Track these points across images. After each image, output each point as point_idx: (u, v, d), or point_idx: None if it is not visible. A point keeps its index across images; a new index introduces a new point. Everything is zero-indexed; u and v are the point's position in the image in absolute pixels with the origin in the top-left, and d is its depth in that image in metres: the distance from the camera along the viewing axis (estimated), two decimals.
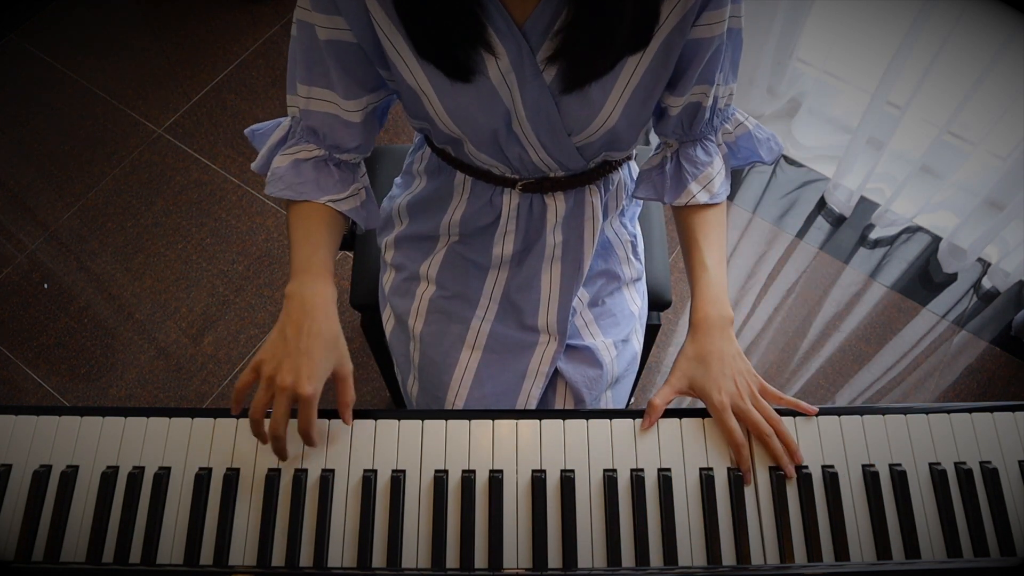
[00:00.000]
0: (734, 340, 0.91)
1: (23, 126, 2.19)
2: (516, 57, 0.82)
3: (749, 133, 1.00)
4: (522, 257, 1.07)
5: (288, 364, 0.82)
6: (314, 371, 0.82)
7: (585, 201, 1.05)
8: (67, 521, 0.82)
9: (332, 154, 0.95)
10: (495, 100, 0.86)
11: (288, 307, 0.86)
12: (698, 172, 0.98)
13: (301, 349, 0.82)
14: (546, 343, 1.05)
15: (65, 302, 1.93)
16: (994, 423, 0.87)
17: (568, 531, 0.81)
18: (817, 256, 2.01)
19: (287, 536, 0.81)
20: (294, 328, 0.84)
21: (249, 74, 2.27)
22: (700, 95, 0.91)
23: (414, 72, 0.85)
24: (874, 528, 0.82)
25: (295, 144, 0.95)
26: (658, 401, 0.87)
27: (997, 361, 1.87)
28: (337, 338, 0.86)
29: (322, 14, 0.83)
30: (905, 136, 1.95)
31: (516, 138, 0.92)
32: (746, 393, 0.87)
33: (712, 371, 0.88)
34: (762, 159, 1.01)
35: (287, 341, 0.83)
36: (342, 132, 0.92)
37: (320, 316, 0.85)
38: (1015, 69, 1.66)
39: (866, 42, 2.11)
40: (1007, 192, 1.86)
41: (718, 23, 0.84)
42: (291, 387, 0.81)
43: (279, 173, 0.94)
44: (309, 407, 0.81)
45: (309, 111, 0.91)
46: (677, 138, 0.98)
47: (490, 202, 1.05)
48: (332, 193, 0.95)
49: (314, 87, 0.89)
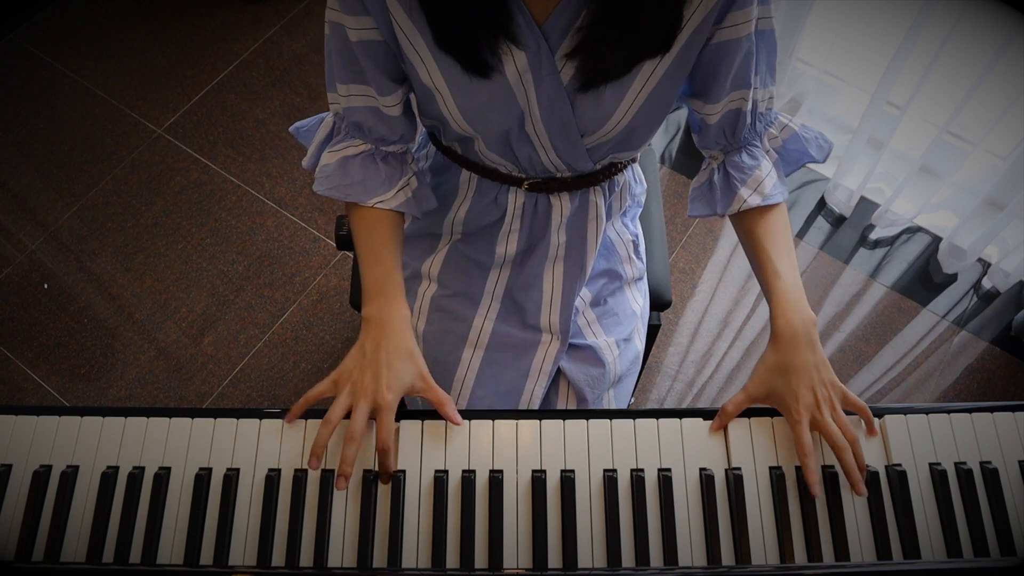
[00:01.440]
0: (818, 347, 0.88)
1: (23, 126, 2.19)
2: (534, 55, 0.82)
3: (796, 134, 0.98)
4: (525, 256, 1.07)
5: (369, 374, 0.85)
6: (393, 381, 0.85)
7: (590, 202, 1.05)
8: (67, 521, 0.82)
9: (379, 147, 0.95)
10: (510, 99, 0.87)
11: (367, 328, 0.89)
12: (746, 177, 0.96)
13: (380, 361, 0.86)
14: (548, 342, 1.05)
15: (65, 302, 1.93)
16: (994, 423, 0.87)
17: (568, 531, 0.81)
18: (817, 256, 2.01)
19: (287, 536, 0.81)
20: (373, 344, 0.87)
21: (249, 74, 2.27)
22: (739, 100, 0.90)
23: (430, 69, 0.85)
24: (874, 528, 0.82)
25: (341, 140, 0.96)
26: (731, 408, 0.86)
27: (997, 361, 1.87)
28: (413, 351, 0.89)
29: (351, 15, 0.83)
30: (905, 136, 1.95)
31: (528, 138, 0.92)
32: (826, 405, 0.85)
33: (792, 383, 0.86)
34: (814, 158, 0.99)
35: (366, 355, 0.87)
36: (385, 126, 0.93)
37: (397, 333, 0.89)
38: (1015, 69, 1.66)
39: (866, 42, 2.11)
40: (1007, 192, 1.86)
41: (744, 23, 0.83)
42: (372, 394, 0.84)
43: (327, 171, 0.95)
44: (388, 414, 0.83)
45: (351, 108, 0.92)
46: (721, 148, 0.96)
47: (495, 200, 1.05)
48: (379, 194, 0.95)
49: (352, 84, 0.90)
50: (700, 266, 1.99)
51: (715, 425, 0.87)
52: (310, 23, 2.35)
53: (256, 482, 0.84)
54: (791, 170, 1.01)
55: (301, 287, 1.94)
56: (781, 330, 0.89)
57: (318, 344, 1.87)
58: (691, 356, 1.88)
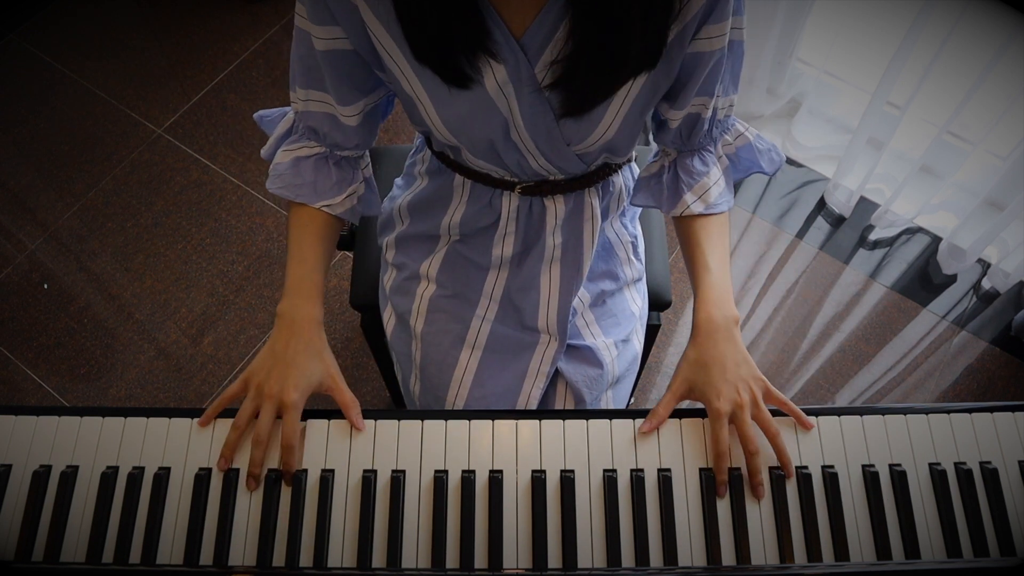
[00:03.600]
0: (738, 342, 0.89)
1: (23, 126, 2.19)
2: (514, 69, 0.82)
3: (750, 144, 0.99)
4: (522, 258, 1.07)
5: (276, 374, 0.86)
6: (300, 380, 0.87)
7: (584, 203, 1.05)
8: (67, 521, 0.82)
9: (333, 151, 0.96)
10: (492, 110, 0.86)
11: (279, 325, 0.91)
12: (694, 182, 0.97)
13: (288, 360, 0.87)
14: (546, 343, 1.05)
15: (65, 302, 1.93)
16: (994, 423, 0.87)
17: (568, 531, 0.81)
18: (817, 256, 2.01)
19: (287, 536, 0.81)
20: (282, 343, 0.89)
21: (249, 74, 2.27)
22: (700, 106, 0.91)
23: (410, 80, 0.85)
24: (874, 528, 0.82)
25: (297, 140, 0.97)
26: (662, 410, 0.87)
27: (997, 361, 1.88)
28: (322, 351, 0.91)
29: (319, 25, 0.83)
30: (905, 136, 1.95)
31: (514, 146, 0.92)
32: (747, 402, 0.86)
33: (713, 377, 0.87)
34: (763, 170, 1.01)
35: (275, 354, 0.88)
36: (340, 133, 0.94)
37: (307, 333, 0.90)
38: (1015, 69, 1.66)
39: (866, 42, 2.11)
40: (1007, 192, 1.86)
41: (719, 37, 0.83)
42: (277, 395, 0.85)
43: (280, 170, 0.97)
44: (294, 412, 0.85)
45: (308, 112, 0.93)
46: (676, 147, 0.98)
47: (489, 204, 1.05)
48: (328, 198, 0.97)
49: (311, 90, 0.91)
50: None
51: (645, 427, 0.86)
52: None
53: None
54: (740, 177, 1.02)
55: None
56: (700, 324, 0.90)
57: None
58: None
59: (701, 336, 0.90)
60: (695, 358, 0.89)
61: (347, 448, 0.86)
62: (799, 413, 0.87)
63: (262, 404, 0.85)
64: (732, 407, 0.85)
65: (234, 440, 0.84)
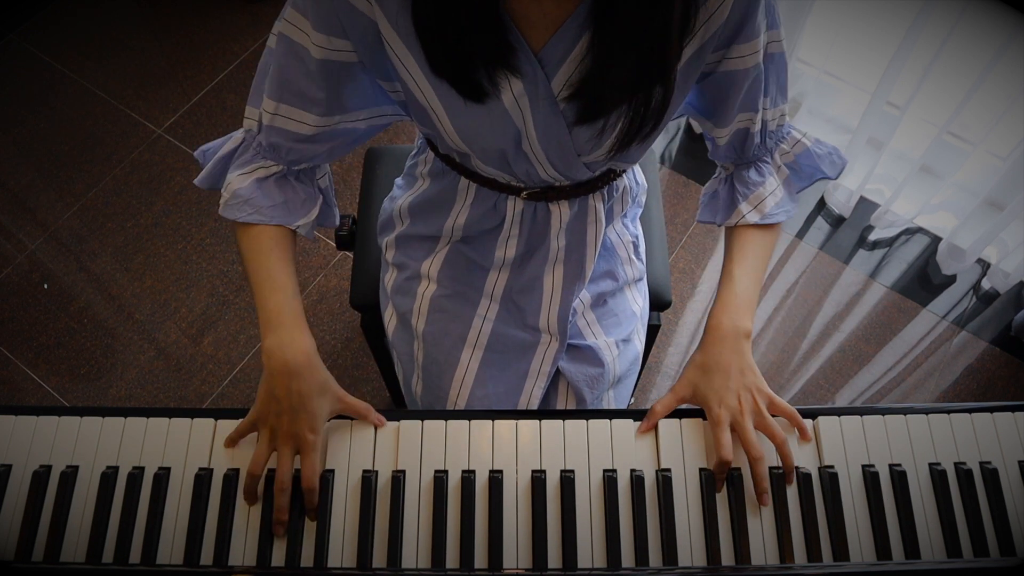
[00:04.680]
0: (746, 353, 0.90)
1: (23, 126, 2.19)
2: (531, 83, 0.82)
3: (808, 150, 0.99)
4: (524, 260, 1.07)
5: (287, 419, 0.84)
6: (313, 422, 0.84)
7: (589, 207, 1.05)
8: (67, 521, 0.82)
9: (291, 167, 0.93)
10: (506, 122, 0.86)
11: (270, 366, 0.86)
12: (749, 192, 0.98)
13: (295, 406, 0.84)
14: (547, 343, 1.05)
15: (65, 302, 1.93)
16: (994, 423, 0.87)
17: (568, 531, 0.81)
18: (817, 256, 2.01)
19: (287, 536, 0.81)
20: (283, 390, 0.84)
21: (249, 74, 2.27)
22: (746, 122, 0.92)
23: (424, 90, 0.84)
24: (874, 528, 0.82)
25: (250, 161, 0.92)
26: (659, 408, 0.87)
27: (997, 361, 1.88)
28: (325, 384, 0.86)
29: (323, 35, 0.81)
30: (905, 136, 1.95)
31: (525, 156, 0.92)
32: (748, 409, 0.86)
33: (715, 382, 0.87)
34: (826, 175, 1.00)
35: (279, 401, 0.84)
36: (305, 149, 0.90)
37: (305, 372, 0.85)
38: (1015, 69, 1.66)
39: (866, 42, 2.11)
40: (1007, 192, 1.86)
41: (751, 55, 0.84)
42: (293, 438, 0.83)
43: (243, 195, 0.91)
44: (313, 453, 0.83)
45: (273, 127, 0.88)
46: (731, 161, 0.99)
47: (494, 207, 1.05)
48: (301, 216, 0.93)
49: (283, 104, 0.86)
50: (700, 266, 1.99)
51: (644, 426, 0.87)
52: None
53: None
54: (804, 185, 1.02)
55: (301, 287, 1.94)
56: (711, 329, 0.92)
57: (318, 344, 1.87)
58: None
59: (709, 342, 0.91)
60: (701, 362, 0.90)
61: (347, 448, 0.86)
62: (801, 424, 0.87)
63: (279, 449, 0.83)
64: (732, 414, 0.86)
65: (252, 486, 0.83)
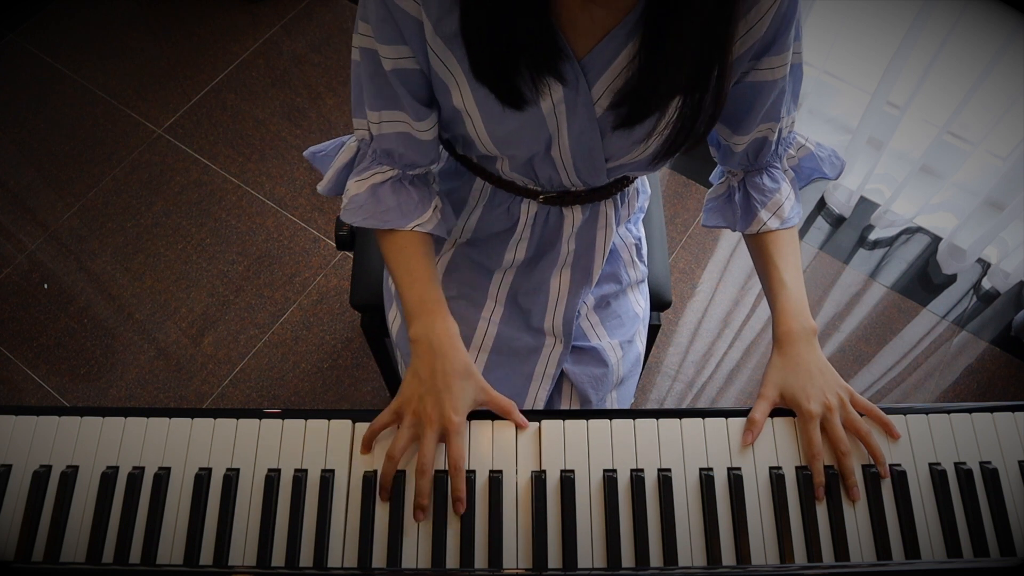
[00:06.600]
0: (819, 351, 0.91)
1: (23, 126, 2.19)
2: (572, 89, 0.82)
3: (811, 153, 1.01)
4: (533, 262, 1.08)
5: (431, 400, 0.84)
6: (457, 403, 0.84)
7: (600, 212, 1.06)
8: (67, 521, 0.81)
9: (406, 171, 0.94)
10: (541, 128, 0.86)
11: (417, 351, 0.88)
12: (767, 199, 0.99)
13: (439, 387, 0.85)
14: (552, 346, 1.05)
15: (65, 302, 1.93)
16: (994, 423, 0.87)
17: (568, 531, 0.81)
18: (817, 256, 2.01)
19: (287, 536, 0.81)
20: (427, 370, 0.86)
21: (249, 74, 2.27)
22: (766, 131, 0.93)
23: (464, 94, 0.84)
24: (874, 528, 0.82)
25: (367, 168, 0.94)
26: (758, 416, 0.87)
27: (997, 361, 1.88)
28: (469, 367, 0.87)
29: (388, 45, 0.81)
30: (905, 136, 1.95)
31: (552, 161, 0.93)
32: (836, 405, 0.87)
33: (802, 381, 0.88)
34: (826, 175, 1.02)
35: (423, 382, 0.85)
36: (417, 151, 0.92)
37: (450, 353, 0.87)
38: (1015, 69, 1.67)
39: (866, 42, 2.11)
40: (1007, 192, 1.86)
41: (780, 67, 0.85)
42: (439, 420, 0.83)
43: (358, 201, 0.94)
44: (459, 436, 0.83)
45: (382, 134, 0.90)
46: (743, 168, 0.99)
47: (507, 210, 1.05)
48: (415, 217, 0.94)
49: (385, 111, 0.88)
50: (700, 266, 1.99)
51: (748, 438, 0.86)
52: (310, 23, 2.36)
53: (256, 482, 0.84)
54: (802, 185, 1.04)
55: (301, 287, 1.94)
56: (782, 337, 0.92)
57: (318, 344, 1.87)
58: (691, 356, 1.88)
59: (784, 347, 0.91)
60: (782, 365, 0.90)
61: (348, 448, 0.86)
62: (887, 421, 0.87)
63: (423, 432, 0.83)
64: (823, 410, 0.86)
65: (390, 471, 0.82)
